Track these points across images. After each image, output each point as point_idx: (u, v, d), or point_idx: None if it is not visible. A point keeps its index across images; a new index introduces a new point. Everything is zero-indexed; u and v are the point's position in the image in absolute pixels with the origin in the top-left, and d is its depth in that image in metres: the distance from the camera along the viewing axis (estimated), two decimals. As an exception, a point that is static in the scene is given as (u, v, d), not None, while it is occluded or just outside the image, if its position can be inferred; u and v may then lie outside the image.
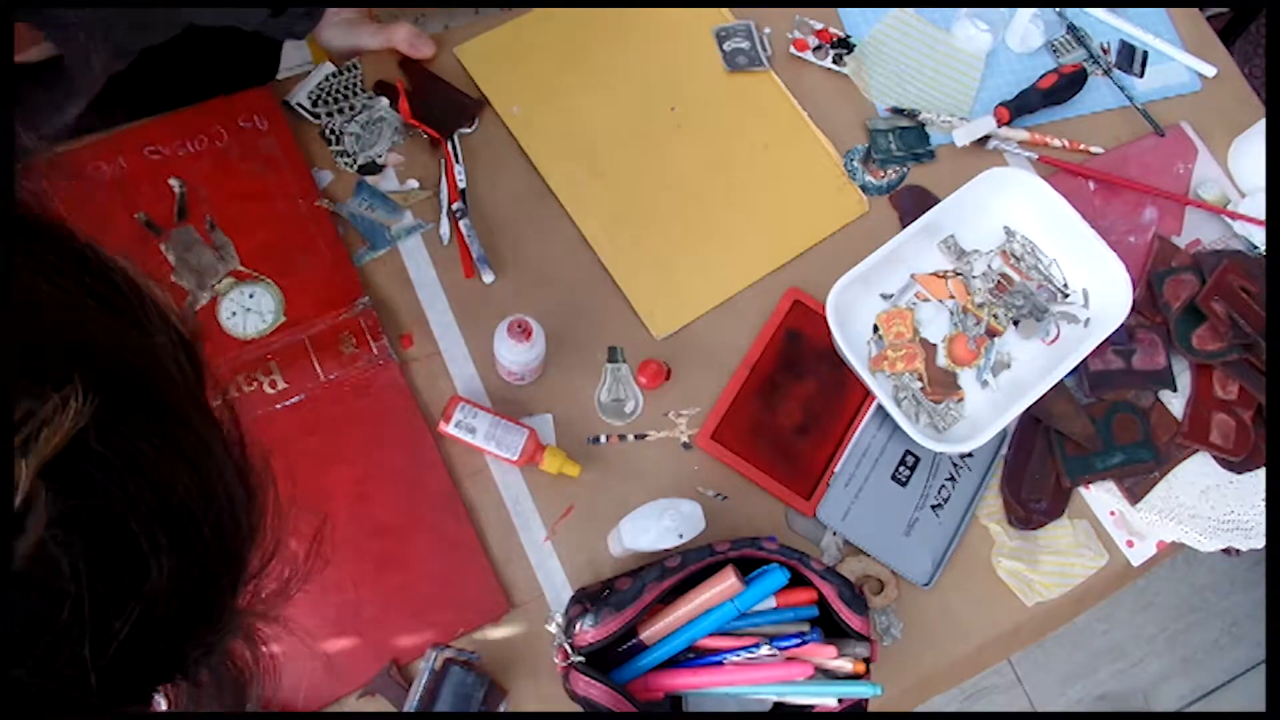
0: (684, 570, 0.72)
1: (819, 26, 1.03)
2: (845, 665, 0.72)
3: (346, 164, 0.91)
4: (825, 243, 0.95)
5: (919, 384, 0.90)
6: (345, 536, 0.80)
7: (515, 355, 0.78)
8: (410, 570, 0.80)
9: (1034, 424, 0.92)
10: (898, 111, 1.01)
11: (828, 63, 1.02)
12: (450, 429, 0.82)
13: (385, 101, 0.93)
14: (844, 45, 1.03)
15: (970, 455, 0.90)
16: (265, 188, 0.89)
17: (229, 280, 0.85)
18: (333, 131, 0.91)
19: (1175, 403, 0.95)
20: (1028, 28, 1.05)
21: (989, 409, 0.89)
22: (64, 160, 0.86)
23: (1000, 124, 1.00)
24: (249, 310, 0.85)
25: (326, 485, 0.81)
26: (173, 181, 0.87)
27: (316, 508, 0.80)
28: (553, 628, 0.80)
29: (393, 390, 0.84)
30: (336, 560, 0.79)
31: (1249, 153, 1.04)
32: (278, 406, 0.83)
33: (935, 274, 0.94)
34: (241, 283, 0.85)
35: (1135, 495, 0.91)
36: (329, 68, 0.93)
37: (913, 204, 0.97)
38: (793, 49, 1.01)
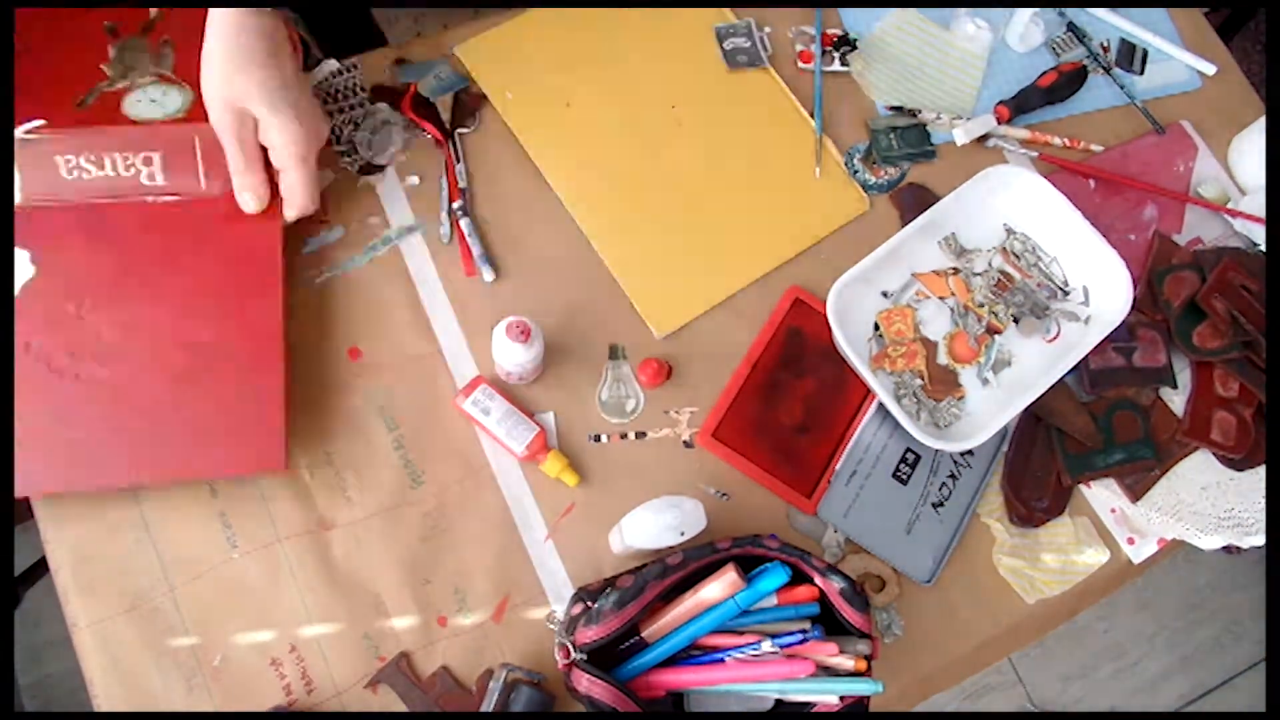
0: (685, 568, 0.72)
1: (816, 33, 1.03)
2: (846, 662, 0.72)
3: (348, 164, 0.91)
4: (826, 241, 0.96)
5: (920, 382, 0.90)
6: (158, 336, 0.78)
7: (513, 356, 0.79)
8: (203, 390, 0.78)
9: (1035, 422, 0.92)
10: (898, 110, 1.01)
11: (835, 66, 1.01)
12: (466, 405, 0.82)
13: (385, 105, 0.93)
14: (847, 43, 1.03)
15: (971, 453, 0.90)
16: None
17: (151, 79, 0.84)
18: (335, 131, 0.91)
19: (1176, 400, 0.95)
20: (1028, 26, 1.05)
21: (990, 407, 0.90)
22: None
23: (1000, 122, 1.00)
24: (154, 101, 0.83)
25: (158, 289, 0.79)
26: (154, 11, 0.86)
27: (141, 305, 0.78)
28: (554, 626, 0.80)
29: (264, 232, 0.82)
30: (139, 355, 0.77)
31: (1249, 150, 1.05)
32: (148, 199, 0.81)
33: (936, 272, 0.94)
34: (162, 84, 0.84)
35: (1136, 493, 0.91)
36: (332, 65, 0.93)
37: (913, 202, 0.97)
38: (799, 62, 1.01)
